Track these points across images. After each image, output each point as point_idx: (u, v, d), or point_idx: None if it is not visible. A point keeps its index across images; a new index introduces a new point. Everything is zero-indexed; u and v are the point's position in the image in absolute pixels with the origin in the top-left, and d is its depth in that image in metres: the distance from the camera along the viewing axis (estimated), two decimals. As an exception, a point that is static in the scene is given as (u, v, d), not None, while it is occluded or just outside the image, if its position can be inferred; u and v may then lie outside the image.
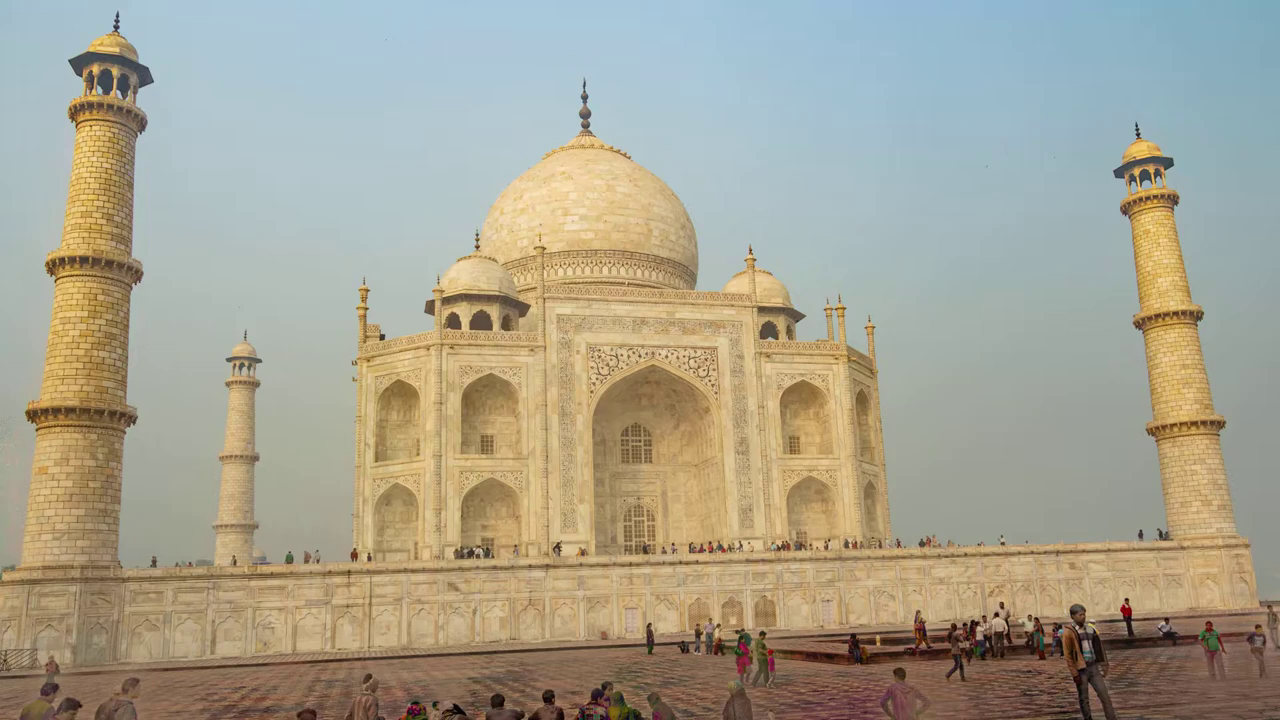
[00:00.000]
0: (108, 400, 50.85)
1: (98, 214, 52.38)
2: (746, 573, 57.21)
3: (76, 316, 51.13)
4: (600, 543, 70.78)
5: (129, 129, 54.54)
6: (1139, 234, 71.06)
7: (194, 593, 50.08)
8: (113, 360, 51.64)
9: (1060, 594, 61.91)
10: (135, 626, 49.25)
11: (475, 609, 53.21)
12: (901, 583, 59.52)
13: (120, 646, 48.89)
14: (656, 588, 55.87)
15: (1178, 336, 68.17)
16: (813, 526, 73.15)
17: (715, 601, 56.50)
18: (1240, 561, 64.46)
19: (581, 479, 66.93)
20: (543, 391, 67.30)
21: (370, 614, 51.77)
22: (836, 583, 58.48)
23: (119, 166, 53.60)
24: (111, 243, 52.50)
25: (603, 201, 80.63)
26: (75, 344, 50.82)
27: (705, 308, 72.13)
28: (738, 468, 70.25)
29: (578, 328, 69.11)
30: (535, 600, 54.07)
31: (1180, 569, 64.63)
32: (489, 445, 68.42)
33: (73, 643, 47.28)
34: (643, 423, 75.19)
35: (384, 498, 66.53)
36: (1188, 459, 66.35)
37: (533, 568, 54.62)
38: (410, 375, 66.96)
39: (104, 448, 50.38)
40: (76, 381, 50.37)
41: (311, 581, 51.40)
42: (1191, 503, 65.78)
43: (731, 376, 71.31)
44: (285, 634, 50.48)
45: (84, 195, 52.67)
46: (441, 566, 54.00)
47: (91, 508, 49.39)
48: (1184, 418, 66.49)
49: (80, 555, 48.61)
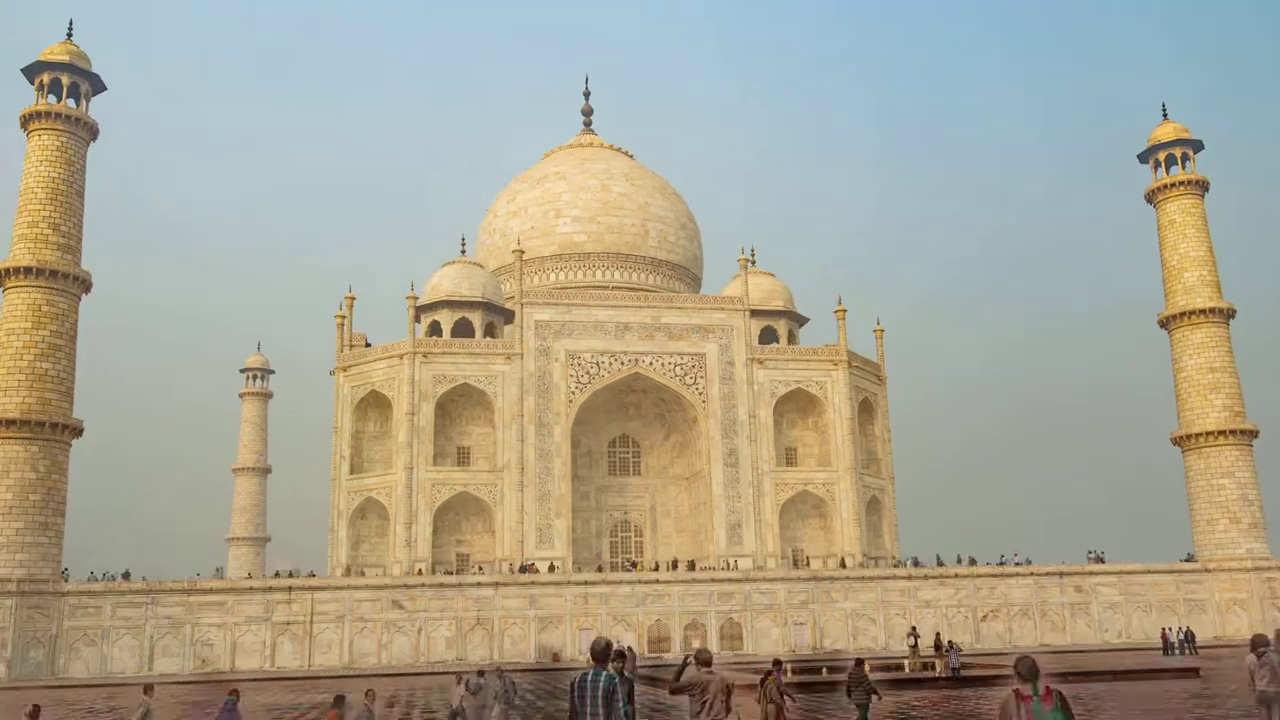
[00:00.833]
0: (50, 412, 52.16)
1: (44, 224, 53.88)
2: (711, 593, 55.83)
3: (20, 328, 52.61)
4: (585, 559, 70.10)
5: (79, 138, 56.02)
6: (1164, 224, 67.47)
7: (133, 608, 50.97)
8: (57, 371, 52.99)
9: (1064, 619, 58.93)
10: (73, 641, 50.33)
11: (420, 628, 53.01)
12: (883, 605, 57.35)
13: (58, 661, 50.01)
14: (613, 608, 54.90)
15: (1205, 336, 64.44)
16: (810, 543, 71.22)
17: (677, 623, 55.26)
18: (1272, 586, 60.51)
19: (558, 492, 66.34)
20: (519, 401, 66.97)
21: (311, 632, 51.99)
22: (810, 605, 56.66)
23: (67, 175, 55.08)
24: (58, 253, 53.93)
25: (596, 202, 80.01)
26: (19, 355, 52.29)
27: (693, 312, 70.96)
28: (726, 481, 68.83)
29: (557, 334, 68.60)
30: (484, 619, 53.62)
31: (1204, 594, 60.92)
32: (465, 457, 68.35)
33: (8, 657, 48.49)
34: (631, 433, 74.27)
35: (359, 511, 66.99)
36: (1215, 472, 62.59)
37: (481, 585, 54.21)
38: (384, 385, 67.35)
39: (46, 460, 51.66)
40: (18, 393, 51.79)
41: (252, 597, 51.86)
42: (1219, 520, 62.01)
43: (721, 384, 69.94)
44: (224, 651, 51.03)
45: (31, 205, 54.25)
46: (385, 583, 54.00)
47: (31, 520, 50.66)
48: (1211, 426, 62.77)
49: (18, 569, 49.87)
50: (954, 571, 58.56)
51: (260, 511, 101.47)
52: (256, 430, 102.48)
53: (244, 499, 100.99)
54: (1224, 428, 62.42)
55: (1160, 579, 60.72)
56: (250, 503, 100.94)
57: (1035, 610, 58.82)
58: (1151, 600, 60.17)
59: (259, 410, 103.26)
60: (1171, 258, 66.61)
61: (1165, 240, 67.19)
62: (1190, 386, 64.38)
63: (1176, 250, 66.38)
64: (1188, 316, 64.78)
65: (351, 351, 69.46)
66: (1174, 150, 67.77)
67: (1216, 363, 63.88)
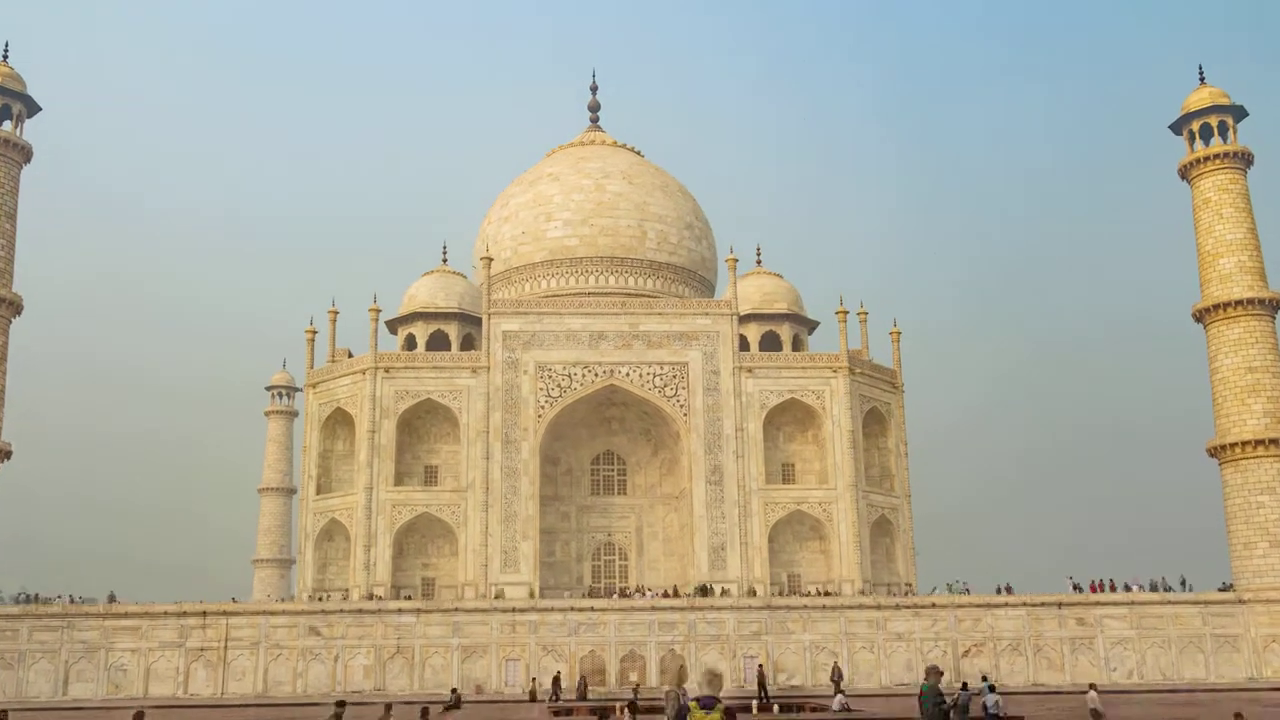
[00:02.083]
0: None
1: (-27, 247, 56.88)
2: (651, 622, 54.28)
3: (-50, 351, 55.62)
4: (566, 584, 69.39)
5: (11, 160, 58.92)
6: (1198, 203, 62.35)
7: (49, 631, 52.99)
8: (-15, 393, 55.73)
9: (1062, 656, 54.84)
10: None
11: (337, 656, 53.33)
12: (847, 638, 54.59)
13: (-24, 685, 52.38)
14: (543, 637, 53.99)
15: (1244, 332, 59.14)
16: (810, 568, 68.55)
17: (612, 655, 53.93)
18: (1319, 619, 54.79)
19: (526, 513, 65.79)
20: (485, 417, 66.79)
21: (225, 658, 52.95)
22: (764, 636, 54.42)
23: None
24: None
25: (590, 203, 79.22)
26: (-53, 377, 55.25)
27: (675, 318, 69.44)
28: (709, 500, 66.98)
29: (526, 345, 68.18)
30: (404, 648, 53.55)
31: (1237, 628, 55.66)
32: (433, 476, 68.62)
33: (-74, 680, 51.12)
34: (616, 449, 73.12)
35: (325, 533, 68.04)
36: (1253, 487, 57.25)
37: (402, 612, 54.20)
38: (348, 402, 68.29)
39: (-30, 483, 54.35)
40: (-55, 415, 54.69)
41: (166, 622, 53.21)
42: (1257, 543, 56.63)
43: (705, 395, 68.15)
44: (138, 677, 52.51)
45: (-39, 229, 57.35)
46: (302, 609, 54.59)
47: (-45, 543, 53.37)
48: (1248, 435, 57.47)
49: (-60, 592, 52.60)
50: (930, 601, 55.32)
51: (285, 532, 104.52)
52: (281, 449, 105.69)
53: (269, 519, 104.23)
54: (1263, 436, 57.08)
55: (1182, 611, 55.83)
56: (275, 523, 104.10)
57: (1027, 645, 54.91)
58: (1171, 635, 55.34)
59: (284, 429, 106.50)
60: (1206, 242, 61.46)
61: (1199, 222, 62.06)
62: (1226, 389, 59.17)
63: (1212, 233, 61.20)
64: (1223, 309, 59.61)
65: (318, 369, 70.72)
66: (1210, 119, 62.59)
67: (1256, 362, 58.52)
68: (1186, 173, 62.93)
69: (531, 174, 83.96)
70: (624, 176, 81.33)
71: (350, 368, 68.46)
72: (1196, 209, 62.36)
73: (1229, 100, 62.81)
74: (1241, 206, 60.97)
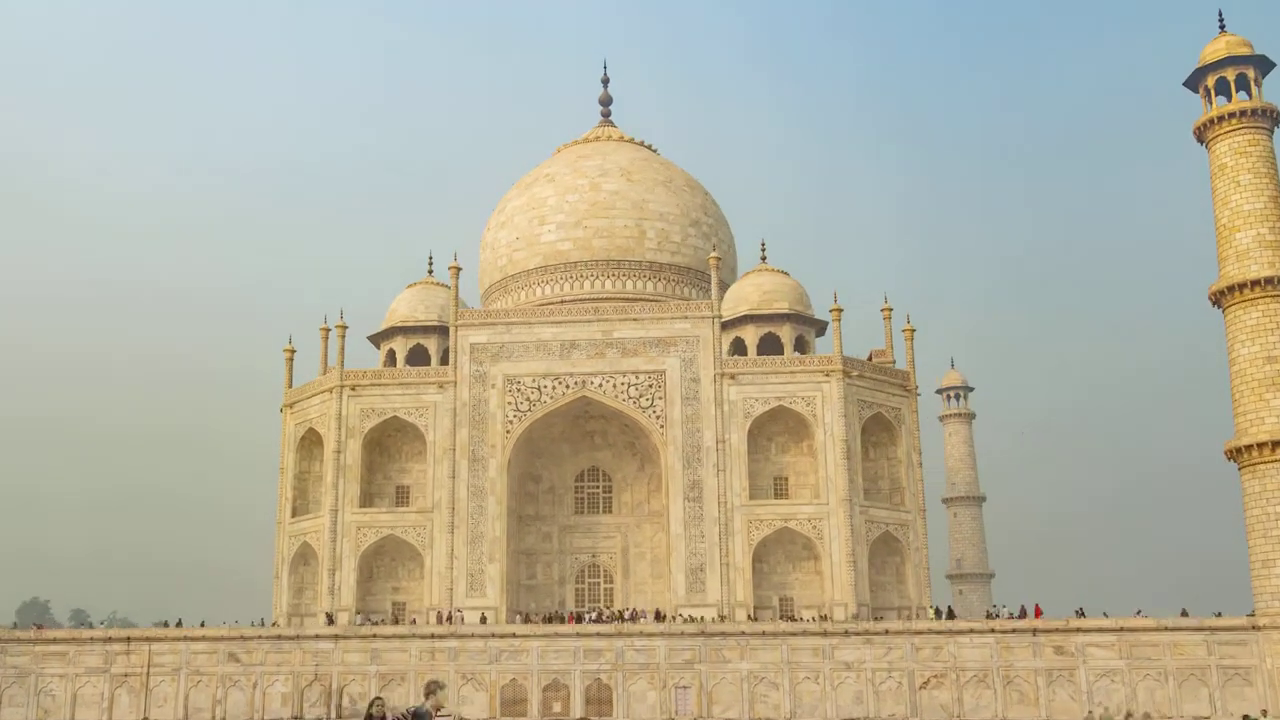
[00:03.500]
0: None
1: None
2: (577, 649, 54.07)
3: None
4: (547, 608, 69.57)
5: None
6: (1214, 170, 57.97)
7: (-16, 657, 56.91)
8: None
9: (1037, 689, 51.68)
10: (-73, 690, 56.90)
11: (256, 683, 55.26)
12: (789, 667, 52.95)
13: (-87, 711, 56.71)
14: (462, 664, 54.54)
15: (1262, 316, 54.58)
16: (804, 590, 66.79)
17: (534, 684, 53.97)
18: (1345, 650, 49.88)
19: (493, 534, 66.59)
20: (452, 434, 67.99)
21: (148, 685, 55.64)
22: (697, 664, 53.41)
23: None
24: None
25: (584, 204, 79.46)
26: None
27: (651, 323, 69.09)
28: (687, 518, 66.29)
29: (494, 357, 69.05)
30: (322, 675, 55.07)
31: (1249, 659, 51.20)
32: (404, 496, 70.26)
33: None
34: (601, 465, 73.04)
35: (300, 556, 70.57)
36: (1271, 496, 52.67)
37: (320, 638, 55.73)
38: (319, 422, 70.71)
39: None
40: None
41: (93, 648, 56.35)
42: (1276, 561, 52.04)
43: (683, 405, 67.51)
44: (65, 703, 55.77)
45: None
46: (222, 634, 56.76)
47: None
48: (1265, 435, 52.92)
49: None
50: (884, 627, 53.03)
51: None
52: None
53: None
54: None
55: (1182, 639, 51.74)
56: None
57: (996, 676, 51.99)
58: (1168, 667, 51.37)
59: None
60: (1222, 214, 57.06)
61: (1215, 191, 57.70)
62: (1243, 383, 54.70)
63: (1228, 204, 56.77)
64: (1239, 291, 55.18)
65: (294, 389, 73.47)
66: (1228, 71, 58.05)
67: (1278, 350, 53.89)
68: (1202, 134, 58.58)
69: (530, 176, 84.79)
70: (622, 174, 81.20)
71: (319, 387, 70.86)
72: (1213, 176, 57.96)
73: (1251, 50, 58.12)
74: (1262, 171, 56.26)
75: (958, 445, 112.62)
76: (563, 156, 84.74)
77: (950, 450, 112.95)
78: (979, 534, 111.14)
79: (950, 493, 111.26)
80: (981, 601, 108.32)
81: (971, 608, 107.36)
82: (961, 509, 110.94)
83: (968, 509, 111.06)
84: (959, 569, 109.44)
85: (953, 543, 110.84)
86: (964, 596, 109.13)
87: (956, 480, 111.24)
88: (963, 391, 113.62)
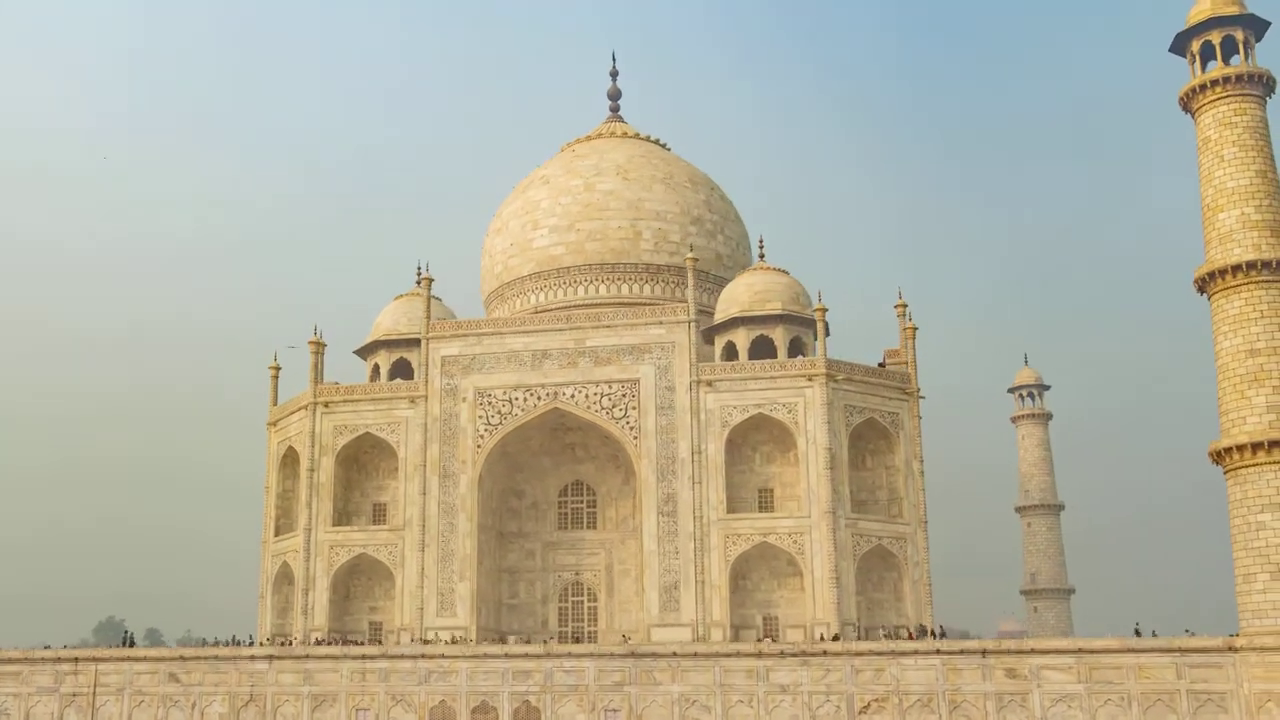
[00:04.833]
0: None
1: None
2: (505, 670, 55.16)
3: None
4: (530, 628, 71.12)
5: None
6: (1200, 143, 55.40)
7: (-56, 676, 61.34)
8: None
9: (986, 716, 50.43)
10: (-115, 710, 61.58)
11: (195, 703, 58.10)
12: (722, 690, 52.95)
13: None
14: (393, 686, 56.22)
15: (1245, 305, 52.03)
16: (790, 609, 66.42)
17: (463, 705, 55.28)
18: (1329, 675, 47.26)
19: (463, 552, 68.24)
20: (423, 449, 70.02)
21: (94, 704, 59.14)
22: (627, 687, 53.88)
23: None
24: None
25: (576, 206, 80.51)
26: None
27: (625, 330, 69.65)
28: (661, 533, 66.70)
29: (465, 370, 70.74)
30: (257, 696, 57.53)
31: (1225, 683, 48.87)
32: (381, 514, 72.60)
33: None
34: (585, 479, 73.96)
35: (282, 576, 73.69)
36: (1253, 503, 50.21)
37: (255, 659, 58.21)
38: (297, 440, 73.70)
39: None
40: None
41: (44, 668, 60.13)
42: (1257, 575, 49.53)
43: (658, 415, 67.96)
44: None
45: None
46: (163, 655, 59.88)
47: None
48: (1245, 437, 50.52)
49: None
50: (822, 648, 52.54)
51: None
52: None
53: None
54: (1263, 438, 49.92)
55: (1149, 661, 49.73)
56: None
57: (942, 701, 50.94)
58: (1132, 692, 49.48)
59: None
60: (1207, 191, 54.62)
61: (1201, 167, 55.18)
62: (1226, 378, 52.26)
63: (1212, 180, 54.30)
64: (1221, 277, 52.75)
65: (278, 406, 76.71)
66: (1213, 34, 55.56)
67: (1260, 342, 51.30)
68: (1189, 103, 56.11)
69: (528, 178, 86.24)
70: (618, 172, 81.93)
71: (298, 404, 73.80)
72: (1199, 150, 55.44)
73: (1240, 8, 55.41)
74: (1248, 144, 53.56)
75: (1032, 449, 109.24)
76: (561, 156, 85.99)
77: (1024, 454, 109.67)
78: (1056, 545, 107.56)
79: (1024, 501, 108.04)
80: (1059, 620, 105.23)
81: (1048, 626, 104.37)
82: (1036, 518, 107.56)
83: (1043, 518, 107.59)
84: (1033, 584, 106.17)
85: (1027, 555, 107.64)
86: (1039, 614, 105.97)
87: (1030, 487, 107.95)
88: (1037, 390, 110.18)
